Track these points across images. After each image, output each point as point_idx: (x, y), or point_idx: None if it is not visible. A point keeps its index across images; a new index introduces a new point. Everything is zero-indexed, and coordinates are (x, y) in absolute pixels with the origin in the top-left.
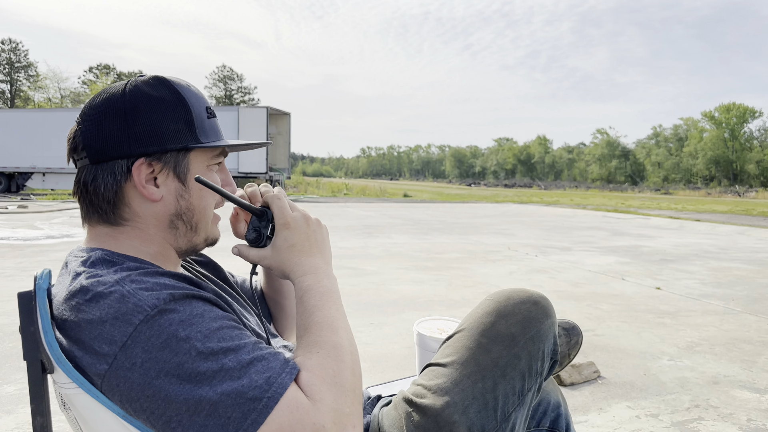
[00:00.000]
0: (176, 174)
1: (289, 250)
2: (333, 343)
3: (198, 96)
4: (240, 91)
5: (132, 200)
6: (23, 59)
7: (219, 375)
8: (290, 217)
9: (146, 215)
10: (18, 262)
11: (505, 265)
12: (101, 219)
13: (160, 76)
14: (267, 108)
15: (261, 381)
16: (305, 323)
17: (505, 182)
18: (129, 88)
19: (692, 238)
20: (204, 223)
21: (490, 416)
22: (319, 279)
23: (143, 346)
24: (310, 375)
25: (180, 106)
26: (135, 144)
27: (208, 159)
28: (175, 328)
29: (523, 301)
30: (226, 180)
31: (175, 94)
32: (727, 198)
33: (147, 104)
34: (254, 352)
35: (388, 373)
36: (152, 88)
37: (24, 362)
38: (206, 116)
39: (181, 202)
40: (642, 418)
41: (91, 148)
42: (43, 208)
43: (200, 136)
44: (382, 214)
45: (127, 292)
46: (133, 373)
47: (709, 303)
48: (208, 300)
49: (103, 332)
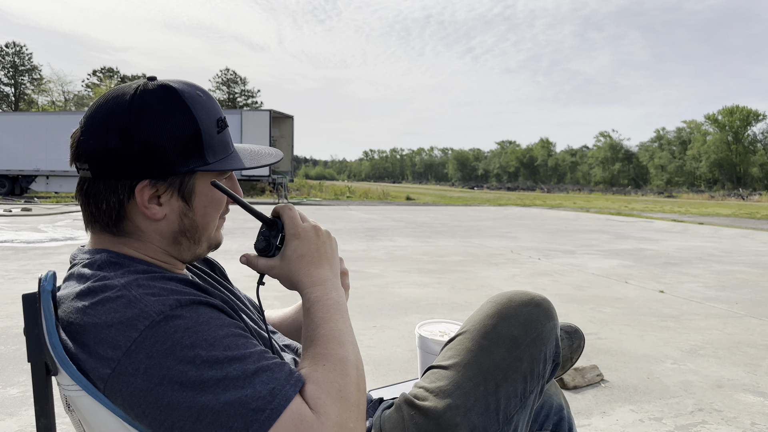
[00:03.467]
0: (180, 195)
1: (299, 261)
2: (339, 357)
3: (209, 107)
4: (243, 95)
5: (134, 217)
6: (27, 62)
7: (222, 384)
8: (301, 228)
9: (149, 230)
10: (21, 264)
11: (507, 268)
12: (103, 229)
13: (170, 87)
14: (270, 111)
15: (265, 392)
16: (312, 335)
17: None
18: (136, 99)
19: (696, 242)
20: (207, 235)
21: (492, 418)
22: (327, 291)
23: (147, 352)
24: (315, 388)
25: (188, 124)
26: (139, 166)
27: (215, 176)
28: (180, 335)
29: (524, 304)
30: (232, 188)
31: (184, 109)
32: (730, 201)
33: (153, 122)
34: (259, 362)
35: (391, 377)
36: (160, 101)
37: (28, 365)
38: (216, 131)
39: (184, 220)
40: (645, 422)
41: (93, 162)
42: (46, 211)
43: (208, 156)
44: (385, 217)
45: (134, 297)
46: (136, 378)
47: (713, 306)
48: (215, 306)
49: (108, 336)
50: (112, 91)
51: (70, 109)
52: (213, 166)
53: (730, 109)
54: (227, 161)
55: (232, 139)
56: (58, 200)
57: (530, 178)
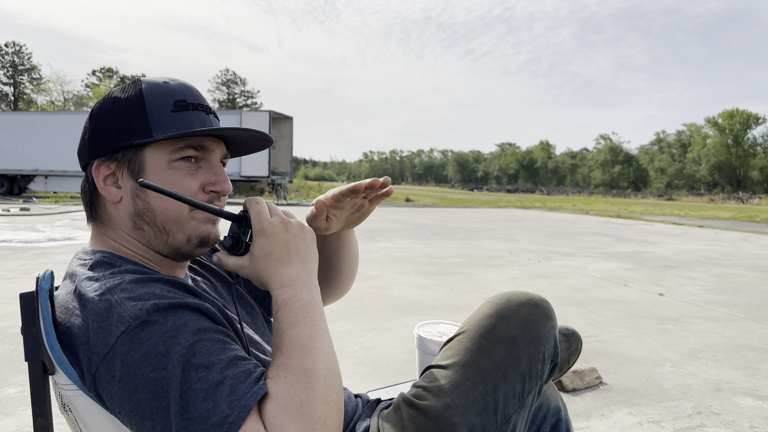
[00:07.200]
0: (130, 172)
1: (266, 259)
2: (303, 368)
3: (169, 90)
4: (243, 95)
5: (104, 201)
6: (27, 62)
7: (187, 395)
8: (267, 223)
9: (116, 216)
10: (20, 264)
11: (507, 270)
12: (89, 219)
13: (140, 77)
14: (270, 112)
15: (224, 405)
16: (277, 342)
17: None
18: (110, 93)
19: (695, 245)
20: (174, 224)
21: (490, 418)
22: (296, 292)
23: (122, 359)
24: (273, 405)
25: (135, 103)
26: (90, 146)
27: (167, 154)
28: (155, 341)
29: (523, 304)
30: (212, 178)
31: (137, 91)
32: (730, 204)
33: (108, 107)
34: (226, 371)
35: (390, 378)
36: (121, 90)
37: (25, 364)
38: (170, 109)
39: (138, 201)
40: (644, 425)
41: (78, 155)
42: (45, 211)
43: (154, 132)
44: (384, 218)
45: (114, 302)
46: (112, 386)
47: (712, 309)
48: (196, 309)
49: (89, 340)
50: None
51: (70, 109)
52: (152, 138)
53: (730, 112)
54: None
55: (211, 125)
56: (57, 200)
57: (530, 180)
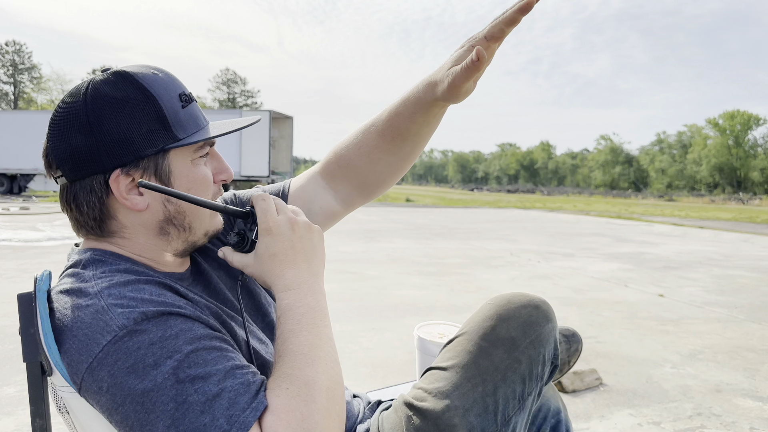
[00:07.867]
0: (158, 178)
1: (271, 260)
2: (305, 379)
3: (167, 83)
4: (243, 95)
5: (118, 213)
6: (27, 61)
7: (182, 408)
8: (273, 222)
9: (134, 225)
10: (19, 263)
11: (507, 270)
12: (90, 233)
13: (122, 71)
14: (270, 111)
15: (222, 420)
16: (279, 350)
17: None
18: (90, 92)
19: (696, 246)
20: (199, 221)
21: (490, 420)
22: (301, 296)
23: (109, 370)
24: (273, 419)
25: (148, 103)
26: (107, 156)
27: (191, 153)
28: (144, 351)
29: (523, 305)
30: (219, 167)
31: (140, 89)
32: (731, 205)
33: (111, 109)
34: (223, 382)
35: (389, 379)
36: (114, 87)
37: (24, 364)
38: (180, 105)
39: (168, 206)
40: (644, 426)
41: (64, 166)
42: (44, 210)
43: (177, 132)
44: (384, 218)
45: (101, 308)
46: (101, 396)
47: (713, 311)
48: (188, 316)
49: (74, 347)
50: (67, 93)
51: None
52: (184, 141)
53: (730, 113)
54: (200, 134)
55: (204, 115)
56: (57, 199)
57: (530, 180)
